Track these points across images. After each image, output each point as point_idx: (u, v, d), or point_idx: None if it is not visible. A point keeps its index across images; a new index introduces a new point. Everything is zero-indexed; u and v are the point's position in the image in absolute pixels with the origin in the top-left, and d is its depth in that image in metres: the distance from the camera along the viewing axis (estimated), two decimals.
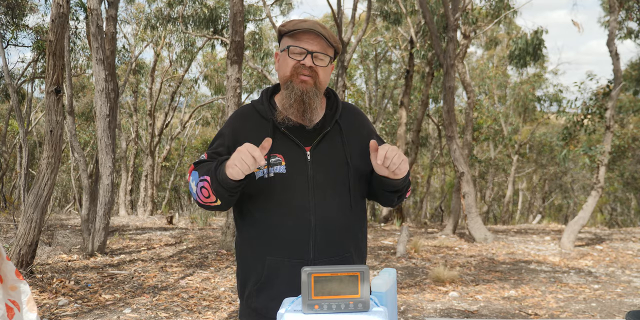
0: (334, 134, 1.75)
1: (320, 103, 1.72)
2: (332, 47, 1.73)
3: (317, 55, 1.68)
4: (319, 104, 1.71)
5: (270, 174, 1.67)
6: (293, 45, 1.69)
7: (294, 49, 1.69)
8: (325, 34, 1.69)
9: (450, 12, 10.60)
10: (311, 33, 1.68)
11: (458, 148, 10.29)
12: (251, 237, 1.74)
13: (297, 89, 1.67)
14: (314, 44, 1.68)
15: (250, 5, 17.10)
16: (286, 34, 1.72)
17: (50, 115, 5.52)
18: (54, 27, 5.44)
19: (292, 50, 1.69)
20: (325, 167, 1.70)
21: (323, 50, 1.70)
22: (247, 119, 1.78)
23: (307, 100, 1.67)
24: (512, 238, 10.50)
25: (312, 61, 1.68)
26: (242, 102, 10.07)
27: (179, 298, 5.29)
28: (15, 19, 12.79)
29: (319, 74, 1.69)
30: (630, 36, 14.36)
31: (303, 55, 1.68)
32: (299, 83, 1.68)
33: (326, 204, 1.68)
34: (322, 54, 1.69)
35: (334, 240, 1.69)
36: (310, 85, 1.68)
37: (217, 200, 1.65)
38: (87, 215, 7.71)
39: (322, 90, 1.74)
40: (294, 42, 1.69)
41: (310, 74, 1.68)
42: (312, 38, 1.68)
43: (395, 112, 22.76)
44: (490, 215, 25.67)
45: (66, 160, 20.64)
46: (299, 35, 1.69)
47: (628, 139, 16.34)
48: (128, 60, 18.82)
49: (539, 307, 5.31)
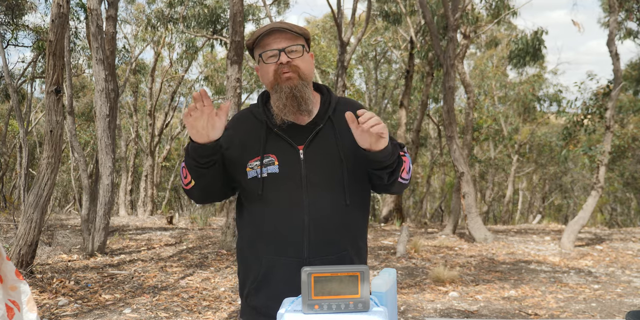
0: (327, 131, 1.74)
1: (311, 92, 1.74)
2: (300, 36, 1.73)
3: (288, 49, 1.70)
4: (311, 93, 1.73)
5: (263, 174, 1.69)
6: (263, 51, 1.71)
7: (265, 54, 1.71)
8: (286, 26, 1.70)
9: (450, 12, 10.60)
10: (273, 33, 1.70)
11: (458, 148, 10.29)
12: (248, 236, 1.76)
13: (285, 87, 1.69)
14: (281, 41, 1.70)
15: (249, 5, 17.10)
16: (254, 46, 1.75)
17: (50, 115, 5.52)
18: (54, 27, 5.44)
19: (265, 56, 1.71)
20: (318, 165, 1.70)
21: (292, 42, 1.71)
22: (243, 121, 1.81)
23: (298, 94, 1.68)
24: (512, 238, 10.50)
25: (287, 56, 1.69)
26: (242, 102, 10.07)
27: (179, 298, 5.29)
28: (15, 19, 12.79)
29: (299, 66, 1.70)
30: (630, 36, 14.35)
31: (276, 56, 1.70)
32: (285, 81, 1.69)
33: (320, 202, 1.68)
34: (292, 46, 1.70)
35: (329, 238, 1.69)
36: (295, 79, 1.69)
37: (192, 181, 1.70)
38: (87, 215, 7.71)
39: (309, 79, 1.75)
40: (263, 49, 1.72)
41: (290, 69, 1.69)
42: (277, 36, 1.70)
43: (395, 112, 22.76)
44: (490, 215, 25.67)
45: (66, 160, 20.63)
46: (263, 40, 1.71)
47: (628, 139, 16.32)
48: (128, 60, 18.83)
49: (539, 307, 5.31)
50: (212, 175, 1.69)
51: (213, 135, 1.61)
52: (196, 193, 1.76)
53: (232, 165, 1.73)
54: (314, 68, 1.81)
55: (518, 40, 13.81)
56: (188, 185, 1.73)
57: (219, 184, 1.74)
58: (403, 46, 20.46)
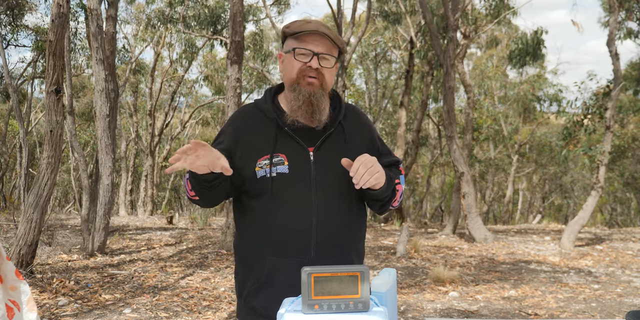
0: (337, 134, 1.75)
1: (327, 102, 1.73)
2: (336, 48, 1.73)
3: (323, 56, 1.68)
4: (326, 105, 1.72)
5: (272, 173, 1.67)
6: (298, 47, 1.68)
7: (299, 50, 1.68)
8: (330, 34, 1.69)
9: (450, 12, 10.60)
10: (316, 34, 1.68)
11: (458, 148, 10.29)
12: (252, 236, 1.74)
13: (304, 91, 1.67)
14: (320, 45, 1.68)
15: (250, 5, 17.09)
16: (291, 36, 1.72)
17: (50, 115, 5.52)
18: (54, 27, 5.44)
19: (298, 52, 1.68)
20: (327, 167, 1.70)
21: (328, 51, 1.69)
22: (249, 118, 1.78)
23: (315, 102, 1.67)
24: (512, 238, 10.50)
25: (319, 62, 1.68)
26: (242, 102, 10.07)
27: (179, 298, 5.29)
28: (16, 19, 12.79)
29: (325, 76, 1.70)
30: (630, 36, 14.35)
31: (309, 57, 1.68)
32: (306, 85, 1.68)
33: (328, 204, 1.68)
34: (327, 55, 1.69)
35: (335, 240, 1.70)
36: (317, 87, 1.68)
37: (196, 195, 1.69)
38: (87, 215, 7.71)
39: (328, 90, 1.74)
40: (299, 44, 1.69)
41: (316, 75, 1.68)
42: (317, 39, 1.68)
43: (395, 112, 22.76)
44: (490, 215, 25.67)
45: (66, 160, 20.63)
46: (303, 36, 1.69)
47: (628, 139, 16.32)
48: (128, 60, 18.83)
49: (539, 307, 5.31)
50: (218, 191, 1.67)
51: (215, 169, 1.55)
52: (201, 203, 1.76)
53: (240, 164, 1.70)
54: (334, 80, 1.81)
55: (518, 40, 13.81)
56: (193, 197, 1.72)
57: (225, 194, 1.73)
58: (403, 46, 20.45)
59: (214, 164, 1.51)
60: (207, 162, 1.50)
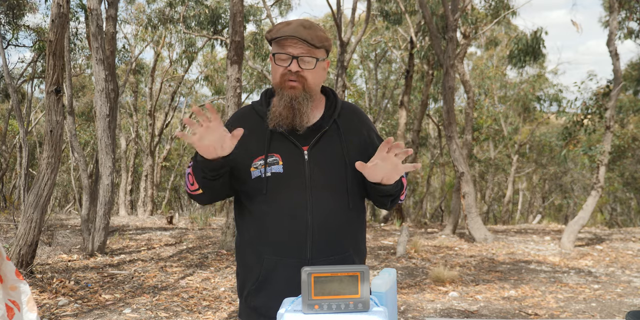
0: (332, 133, 1.74)
1: (311, 107, 1.71)
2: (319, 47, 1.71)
3: (302, 58, 1.67)
4: (309, 108, 1.70)
5: (267, 173, 1.68)
6: (278, 52, 1.68)
7: (279, 55, 1.68)
8: (308, 36, 1.66)
9: (450, 12, 10.60)
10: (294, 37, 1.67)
11: (458, 148, 10.29)
12: (250, 236, 1.75)
13: (286, 95, 1.67)
14: (298, 47, 1.66)
15: (250, 5, 17.09)
16: (272, 40, 1.71)
17: (50, 115, 5.52)
18: (54, 27, 5.44)
19: (278, 57, 1.68)
20: (322, 166, 1.70)
21: (308, 52, 1.67)
22: (246, 119, 1.78)
23: (297, 106, 1.66)
24: (512, 238, 10.50)
25: (298, 65, 1.66)
26: (242, 102, 10.08)
27: (179, 298, 5.29)
28: (16, 19, 12.80)
29: (306, 78, 1.68)
30: (630, 36, 14.34)
31: (288, 60, 1.67)
32: (288, 89, 1.67)
33: (324, 203, 1.68)
34: (307, 56, 1.67)
35: (332, 239, 1.70)
36: (299, 90, 1.67)
37: (199, 189, 1.68)
38: (87, 215, 7.71)
39: (313, 92, 1.73)
40: (279, 49, 1.68)
41: (296, 79, 1.67)
42: (296, 42, 1.67)
43: (395, 112, 22.76)
44: (490, 215, 25.67)
45: (66, 160, 20.63)
46: (282, 41, 1.67)
47: (628, 139, 16.32)
48: (128, 60, 18.83)
49: (539, 307, 5.31)
50: (221, 184, 1.67)
51: (221, 153, 1.57)
52: (202, 199, 1.76)
53: (236, 165, 1.71)
54: (326, 76, 1.79)
55: (518, 40, 13.81)
56: (194, 191, 1.71)
57: (226, 190, 1.73)
58: (403, 46, 20.46)
59: (222, 138, 1.52)
60: (215, 138, 1.52)
